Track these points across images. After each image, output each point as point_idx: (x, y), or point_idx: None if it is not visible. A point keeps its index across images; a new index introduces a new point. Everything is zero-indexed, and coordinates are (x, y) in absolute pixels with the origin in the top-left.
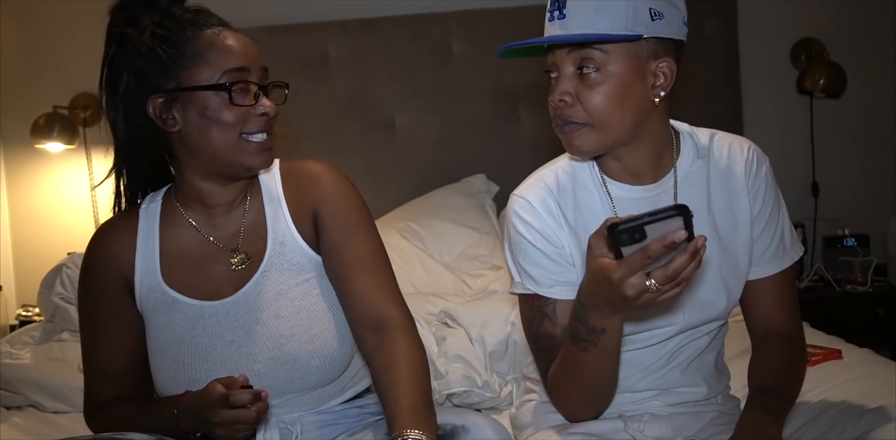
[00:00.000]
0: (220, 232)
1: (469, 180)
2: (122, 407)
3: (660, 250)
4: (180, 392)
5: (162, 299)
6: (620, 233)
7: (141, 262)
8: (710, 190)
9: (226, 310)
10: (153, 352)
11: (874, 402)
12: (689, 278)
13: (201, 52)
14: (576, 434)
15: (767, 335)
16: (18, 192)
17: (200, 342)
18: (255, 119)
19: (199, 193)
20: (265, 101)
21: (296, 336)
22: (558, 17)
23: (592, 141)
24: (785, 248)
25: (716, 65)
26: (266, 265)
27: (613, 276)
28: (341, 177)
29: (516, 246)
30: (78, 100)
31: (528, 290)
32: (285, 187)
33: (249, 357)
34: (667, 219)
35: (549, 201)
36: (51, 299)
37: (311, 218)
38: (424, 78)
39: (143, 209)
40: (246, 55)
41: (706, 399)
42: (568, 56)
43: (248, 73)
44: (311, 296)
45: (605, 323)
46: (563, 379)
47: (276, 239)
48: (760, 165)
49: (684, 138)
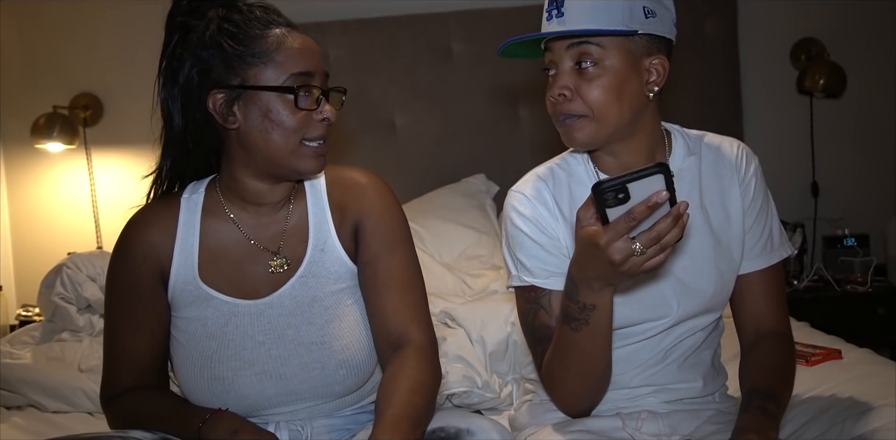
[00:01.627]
0: (262, 232)
1: (469, 180)
2: (142, 399)
3: (643, 211)
4: (204, 386)
5: (196, 294)
6: (605, 191)
7: (179, 255)
8: (703, 185)
9: (259, 310)
10: (181, 344)
11: (874, 402)
12: (673, 244)
13: (269, 51)
14: (574, 432)
15: (758, 334)
16: (18, 192)
17: (231, 340)
18: (317, 124)
19: (245, 191)
20: (327, 106)
21: (326, 344)
22: (556, 16)
23: (591, 132)
24: (773, 245)
25: (716, 65)
26: (304, 270)
27: (600, 241)
28: (387, 189)
29: (513, 239)
30: (78, 100)
31: (525, 282)
32: (331, 194)
33: (278, 360)
34: (648, 176)
35: (544, 194)
36: (51, 299)
37: (353, 228)
38: (424, 78)
39: (185, 199)
40: (312, 59)
41: (703, 396)
42: (566, 52)
43: (313, 77)
44: (344, 305)
45: (596, 298)
46: (557, 364)
47: (316, 245)
48: (750, 162)
49: (675, 137)
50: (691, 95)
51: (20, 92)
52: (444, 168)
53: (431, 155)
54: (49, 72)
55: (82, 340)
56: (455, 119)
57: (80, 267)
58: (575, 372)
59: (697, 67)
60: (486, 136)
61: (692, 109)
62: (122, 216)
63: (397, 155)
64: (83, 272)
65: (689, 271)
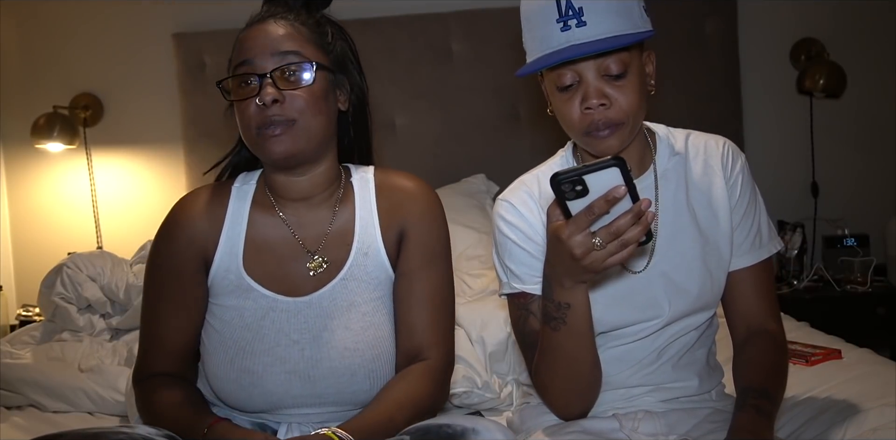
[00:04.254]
0: (306, 231)
1: (469, 180)
2: (167, 392)
3: (602, 206)
4: (232, 376)
5: (237, 283)
6: (562, 182)
7: (225, 242)
8: (689, 184)
9: (298, 308)
10: (216, 331)
11: (874, 402)
12: (635, 241)
13: (233, 49)
14: (571, 433)
15: (749, 331)
16: (18, 192)
17: (266, 334)
18: (259, 110)
19: (274, 184)
20: (267, 89)
21: (360, 352)
22: (577, 26)
23: (625, 138)
24: (762, 241)
25: (716, 65)
26: (346, 273)
27: (563, 235)
28: (434, 198)
29: (501, 247)
30: (78, 100)
31: (515, 289)
32: (379, 198)
33: (310, 361)
34: (603, 169)
35: (529, 202)
36: (51, 299)
37: (398, 234)
38: (424, 78)
39: (236, 188)
40: (253, 47)
41: (699, 394)
42: (595, 62)
43: (250, 64)
44: (380, 313)
45: (569, 297)
46: (543, 366)
47: (360, 249)
48: (736, 159)
49: (659, 137)
50: (691, 95)
51: (20, 92)
52: (444, 168)
53: (431, 155)
54: (49, 72)
55: (82, 340)
56: (455, 119)
57: (80, 267)
58: (561, 373)
59: (697, 67)
60: (486, 136)
61: (692, 109)
62: (122, 216)
63: (397, 155)
64: (83, 272)
65: (679, 271)
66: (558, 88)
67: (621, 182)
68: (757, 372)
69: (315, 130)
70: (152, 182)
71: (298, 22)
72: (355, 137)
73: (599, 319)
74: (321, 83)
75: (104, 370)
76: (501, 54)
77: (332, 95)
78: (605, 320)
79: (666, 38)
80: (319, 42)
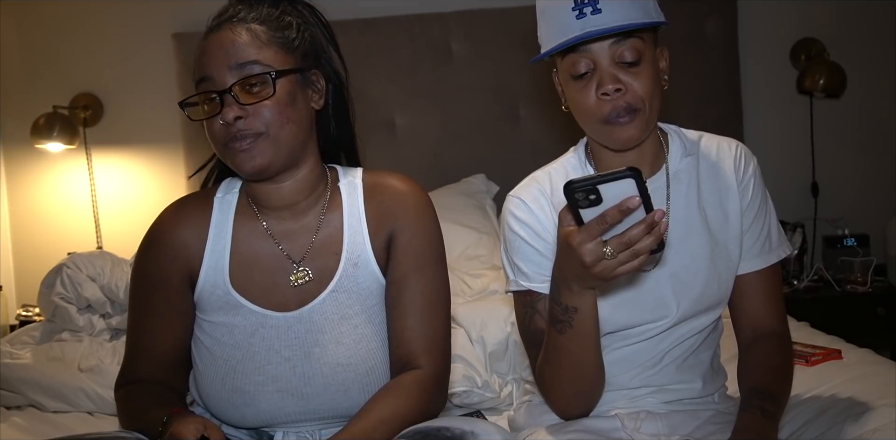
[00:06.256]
0: (292, 241)
1: (469, 180)
2: (142, 394)
3: (615, 215)
4: (223, 396)
5: (224, 299)
6: (575, 191)
7: (210, 257)
8: (700, 186)
9: (288, 324)
10: (207, 350)
11: (874, 402)
12: (646, 251)
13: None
14: (573, 432)
15: (756, 334)
16: (18, 192)
17: (257, 352)
18: (224, 128)
19: (255, 193)
20: (230, 107)
21: (353, 366)
22: (592, 13)
23: (643, 127)
24: (772, 245)
25: (716, 65)
26: (335, 285)
27: (573, 242)
28: (424, 199)
29: (510, 243)
30: (78, 100)
31: (522, 287)
32: (368, 203)
33: (303, 378)
34: (619, 179)
35: (541, 199)
36: (51, 299)
37: (388, 238)
38: (424, 78)
39: (218, 198)
40: (209, 62)
41: (702, 396)
42: (610, 48)
43: (211, 81)
44: (372, 324)
45: (577, 301)
46: (547, 366)
47: (349, 259)
48: (748, 162)
49: (672, 137)
50: (691, 95)
51: (20, 92)
52: (444, 168)
53: (431, 155)
54: (49, 72)
55: (82, 340)
56: (455, 119)
57: (80, 267)
58: (564, 374)
59: (697, 67)
60: (486, 136)
61: (692, 109)
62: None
63: (397, 155)
64: (83, 272)
65: (688, 272)
66: (573, 77)
67: (636, 192)
68: (763, 374)
69: (285, 140)
70: (152, 182)
71: (257, 22)
72: (338, 132)
73: (607, 319)
74: (287, 89)
75: (104, 370)
76: (501, 54)
77: (303, 97)
78: (613, 320)
79: (666, 38)
80: (282, 42)
